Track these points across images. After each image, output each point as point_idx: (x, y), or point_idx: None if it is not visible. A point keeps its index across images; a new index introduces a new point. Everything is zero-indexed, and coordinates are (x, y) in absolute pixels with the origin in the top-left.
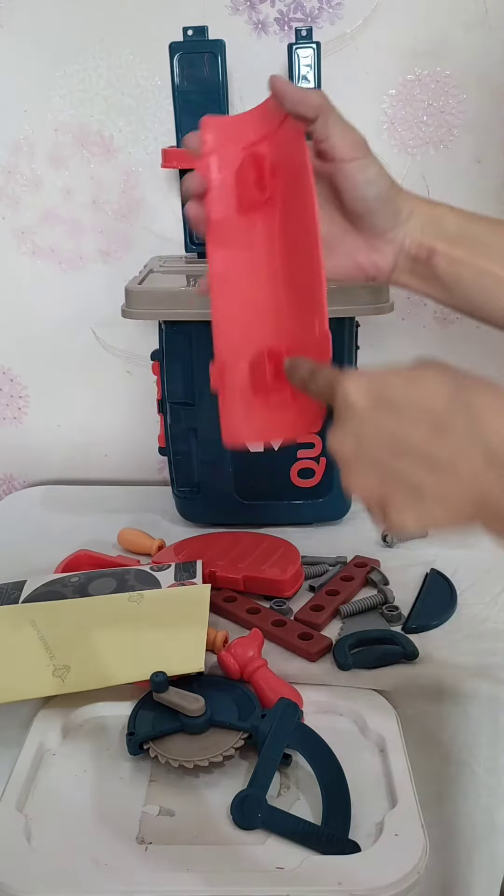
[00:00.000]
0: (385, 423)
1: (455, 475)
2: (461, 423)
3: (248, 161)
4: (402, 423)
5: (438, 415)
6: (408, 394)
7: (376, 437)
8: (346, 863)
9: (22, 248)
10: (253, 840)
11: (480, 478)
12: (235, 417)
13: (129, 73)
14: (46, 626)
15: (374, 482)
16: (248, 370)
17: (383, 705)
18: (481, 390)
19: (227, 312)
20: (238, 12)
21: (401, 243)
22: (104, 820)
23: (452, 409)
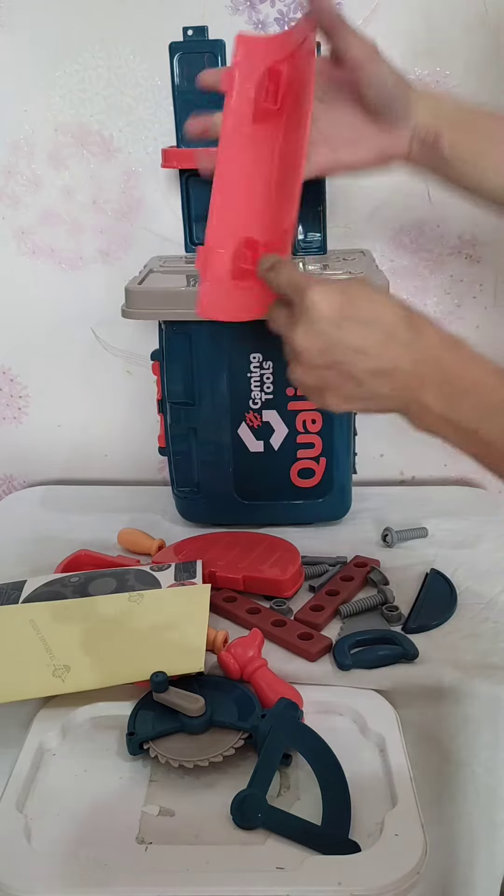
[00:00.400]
0: (349, 332)
1: (394, 377)
2: (406, 336)
3: (267, 76)
4: (362, 332)
5: (392, 327)
6: (369, 310)
7: (339, 344)
8: (346, 863)
9: (22, 248)
10: (253, 840)
11: (410, 383)
12: (210, 295)
13: (129, 73)
14: (46, 626)
15: (322, 377)
16: (229, 257)
17: (383, 705)
18: (421, 314)
19: (221, 206)
20: (238, 12)
21: (413, 128)
22: (104, 820)
23: (401, 324)
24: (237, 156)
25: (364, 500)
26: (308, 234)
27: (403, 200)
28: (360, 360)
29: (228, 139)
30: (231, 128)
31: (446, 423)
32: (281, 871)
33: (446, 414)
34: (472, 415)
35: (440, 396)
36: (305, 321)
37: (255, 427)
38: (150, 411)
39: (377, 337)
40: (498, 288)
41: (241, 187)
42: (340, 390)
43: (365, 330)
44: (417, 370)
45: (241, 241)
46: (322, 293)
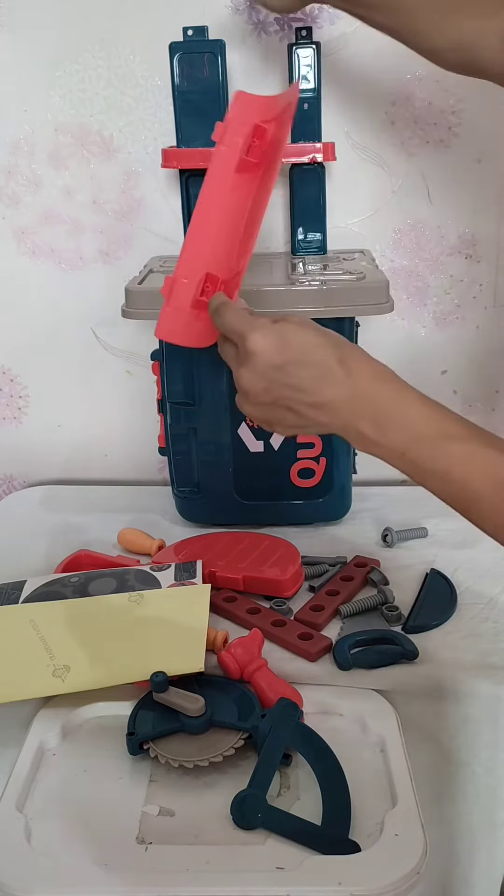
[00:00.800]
0: (288, 373)
1: (331, 410)
2: (339, 373)
3: (254, 132)
4: (299, 373)
5: (326, 367)
6: (305, 351)
7: (279, 383)
8: (346, 863)
9: (22, 248)
10: (253, 840)
11: (346, 414)
12: (170, 321)
13: (130, 73)
14: (46, 626)
15: (268, 411)
16: (192, 289)
17: (383, 705)
18: (353, 349)
19: (194, 241)
20: (238, 12)
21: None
22: (104, 820)
23: (334, 362)
24: (217, 198)
25: (364, 500)
26: (308, 234)
27: (403, 200)
28: (299, 396)
29: (212, 181)
30: (216, 172)
31: (378, 447)
32: (281, 871)
33: (378, 439)
34: (400, 440)
35: (372, 425)
36: (249, 364)
37: (255, 427)
38: (150, 411)
39: (313, 375)
40: (498, 288)
41: (215, 227)
42: (285, 421)
43: (302, 370)
44: (351, 404)
45: (204, 276)
46: (261, 339)
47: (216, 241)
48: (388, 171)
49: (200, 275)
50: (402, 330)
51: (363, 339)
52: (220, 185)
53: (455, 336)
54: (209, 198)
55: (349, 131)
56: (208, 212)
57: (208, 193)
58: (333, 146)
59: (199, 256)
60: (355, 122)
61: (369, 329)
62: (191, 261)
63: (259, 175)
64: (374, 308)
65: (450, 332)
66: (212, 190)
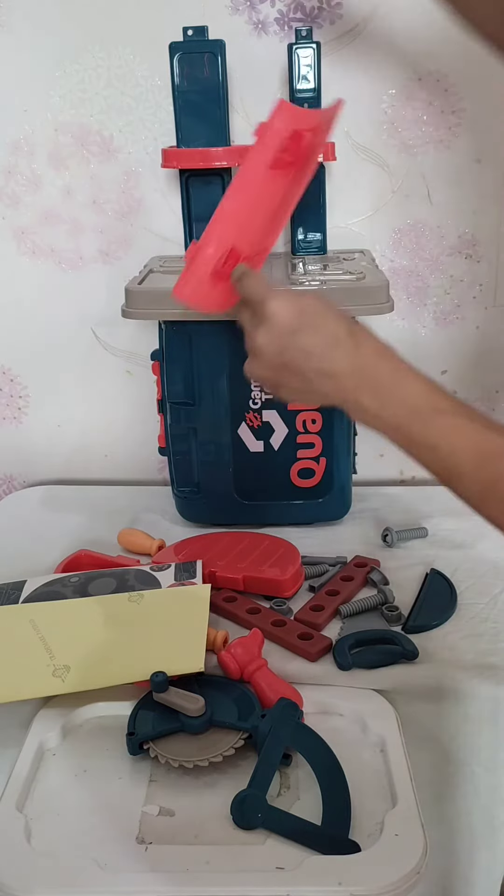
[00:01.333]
0: (301, 338)
1: (336, 379)
2: (348, 344)
3: (292, 136)
4: (312, 339)
5: (336, 337)
6: (319, 319)
7: (292, 347)
8: (346, 863)
9: (22, 249)
10: (253, 840)
11: (349, 384)
12: (188, 283)
13: (129, 73)
14: (46, 627)
15: (277, 374)
16: (215, 258)
17: (383, 705)
18: (361, 326)
19: (225, 214)
20: (238, 12)
21: None
22: (104, 820)
23: (344, 333)
24: (252, 182)
25: (364, 500)
26: (308, 234)
27: (403, 200)
28: (308, 360)
29: (250, 167)
30: (254, 159)
31: (377, 419)
32: (281, 870)
33: (377, 412)
34: (397, 414)
35: (373, 398)
36: (265, 325)
37: (255, 427)
38: (150, 411)
39: (324, 342)
40: (498, 288)
41: (246, 206)
42: (290, 384)
43: (314, 336)
44: (355, 374)
45: (229, 249)
46: (280, 304)
47: (247, 220)
48: (388, 171)
49: (226, 247)
50: (402, 330)
51: None
52: (256, 171)
53: (455, 336)
54: (245, 180)
55: (349, 131)
56: (243, 191)
57: (246, 175)
58: (333, 146)
59: (228, 229)
60: (355, 122)
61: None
62: (219, 231)
63: (293, 172)
64: (374, 308)
65: (450, 332)
66: (248, 174)
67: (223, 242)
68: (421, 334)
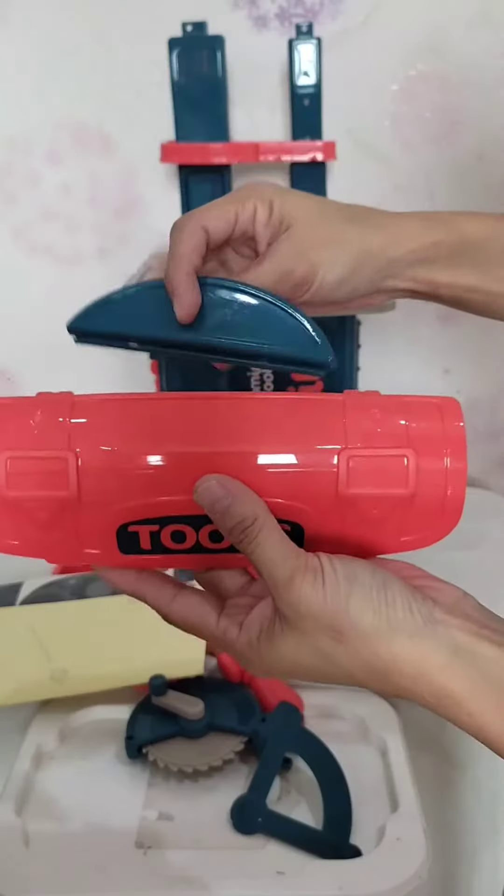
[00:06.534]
0: (339, 656)
1: (348, 677)
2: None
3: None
4: (333, 645)
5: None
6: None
7: (323, 662)
8: (347, 867)
9: (19, 246)
10: (253, 845)
11: (360, 679)
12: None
13: (128, 69)
14: (44, 629)
15: (289, 673)
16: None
17: (385, 708)
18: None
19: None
20: (238, 7)
21: (393, 287)
22: (102, 824)
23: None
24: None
25: None
26: None
27: (405, 198)
28: (335, 676)
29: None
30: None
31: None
32: (281, 875)
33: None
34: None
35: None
36: (288, 628)
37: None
38: None
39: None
40: None
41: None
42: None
43: (352, 659)
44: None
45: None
46: (314, 595)
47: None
48: (390, 169)
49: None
50: (404, 329)
51: (365, 337)
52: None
53: (459, 335)
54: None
55: (351, 128)
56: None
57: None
58: (334, 145)
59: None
60: (357, 119)
61: (371, 327)
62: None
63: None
64: (377, 307)
65: (451, 331)
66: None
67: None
68: (423, 333)
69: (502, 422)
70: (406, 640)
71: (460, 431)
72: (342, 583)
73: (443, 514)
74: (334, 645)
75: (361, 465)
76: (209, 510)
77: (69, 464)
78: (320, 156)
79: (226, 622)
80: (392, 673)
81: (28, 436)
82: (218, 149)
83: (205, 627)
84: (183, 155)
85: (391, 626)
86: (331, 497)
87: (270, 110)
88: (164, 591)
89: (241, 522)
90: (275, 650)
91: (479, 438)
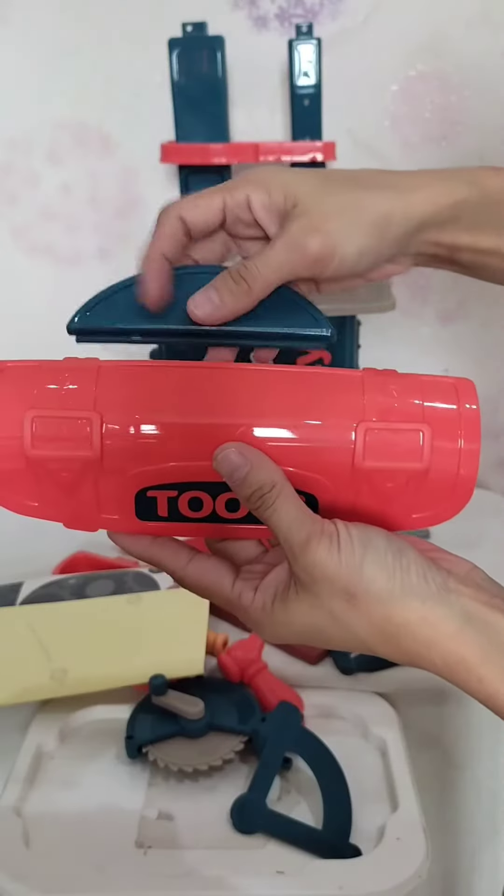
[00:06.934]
0: (352, 620)
1: (359, 643)
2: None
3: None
4: (346, 608)
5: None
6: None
7: (336, 626)
8: (347, 867)
9: (19, 246)
10: (253, 844)
11: (371, 644)
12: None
13: (128, 70)
14: (44, 629)
15: (300, 638)
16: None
17: (384, 708)
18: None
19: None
20: (238, 8)
21: (416, 251)
22: (103, 824)
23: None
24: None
25: None
26: None
27: None
28: (347, 641)
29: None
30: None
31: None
32: (281, 875)
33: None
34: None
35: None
36: (303, 590)
37: None
38: None
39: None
40: None
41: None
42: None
43: (362, 623)
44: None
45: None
46: (330, 557)
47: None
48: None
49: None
50: (404, 328)
51: (365, 337)
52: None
53: (458, 334)
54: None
55: (351, 128)
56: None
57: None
58: (334, 146)
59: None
60: (357, 119)
61: (371, 327)
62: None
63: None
64: (377, 306)
65: (452, 330)
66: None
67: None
68: (423, 333)
69: (502, 422)
70: (419, 605)
71: (475, 413)
72: (357, 547)
73: (454, 491)
74: (347, 608)
75: (378, 439)
76: (228, 477)
77: (93, 425)
78: (320, 156)
79: (241, 585)
80: (404, 638)
81: (54, 397)
82: (218, 149)
83: (220, 590)
84: (183, 155)
85: (405, 591)
86: (347, 469)
87: (270, 110)
88: (179, 554)
89: (259, 489)
90: (289, 613)
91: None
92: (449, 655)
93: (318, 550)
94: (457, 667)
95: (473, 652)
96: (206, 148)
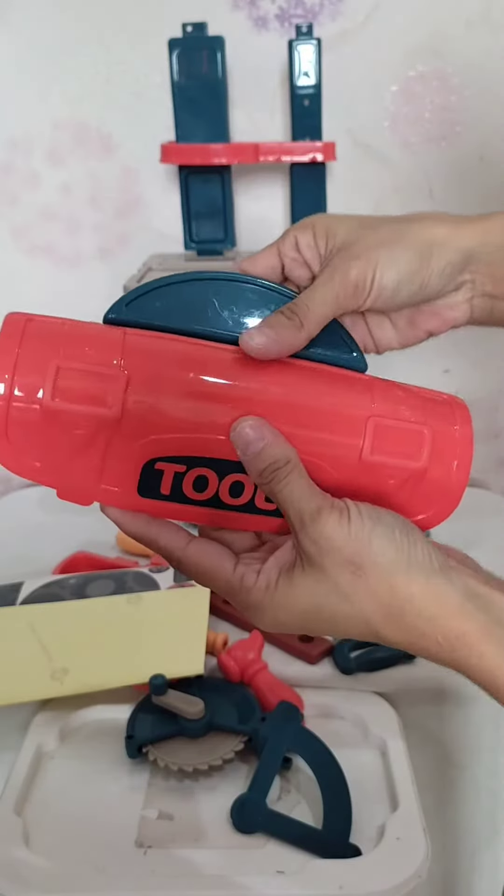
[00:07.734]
0: (359, 601)
1: (362, 621)
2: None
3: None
4: (352, 581)
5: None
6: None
7: (340, 610)
8: (347, 867)
9: (19, 246)
10: (253, 844)
11: (374, 622)
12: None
13: (128, 70)
14: (44, 629)
15: (301, 621)
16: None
17: (384, 708)
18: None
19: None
20: (238, 8)
21: (469, 289)
22: (103, 824)
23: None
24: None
25: None
26: None
27: (405, 199)
28: (350, 628)
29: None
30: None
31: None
32: (281, 874)
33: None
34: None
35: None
36: (311, 567)
37: None
38: None
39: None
40: None
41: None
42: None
43: (369, 601)
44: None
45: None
46: (340, 529)
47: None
48: (389, 169)
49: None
50: None
51: None
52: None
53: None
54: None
55: (350, 129)
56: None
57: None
58: (334, 146)
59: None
60: (357, 120)
61: None
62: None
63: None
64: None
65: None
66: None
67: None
68: None
69: (502, 422)
70: (424, 580)
71: (466, 413)
72: (367, 521)
73: (445, 496)
74: (353, 581)
75: (387, 434)
76: (243, 451)
77: (117, 382)
78: (320, 156)
79: (243, 568)
80: (408, 613)
81: (80, 351)
82: (218, 149)
83: (220, 573)
84: (183, 155)
85: (411, 565)
86: (353, 461)
87: (270, 111)
88: (178, 535)
89: (273, 463)
90: (293, 590)
91: (478, 438)
92: (451, 631)
93: (329, 521)
94: (457, 642)
95: (475, 627)
96: (206, 148)
